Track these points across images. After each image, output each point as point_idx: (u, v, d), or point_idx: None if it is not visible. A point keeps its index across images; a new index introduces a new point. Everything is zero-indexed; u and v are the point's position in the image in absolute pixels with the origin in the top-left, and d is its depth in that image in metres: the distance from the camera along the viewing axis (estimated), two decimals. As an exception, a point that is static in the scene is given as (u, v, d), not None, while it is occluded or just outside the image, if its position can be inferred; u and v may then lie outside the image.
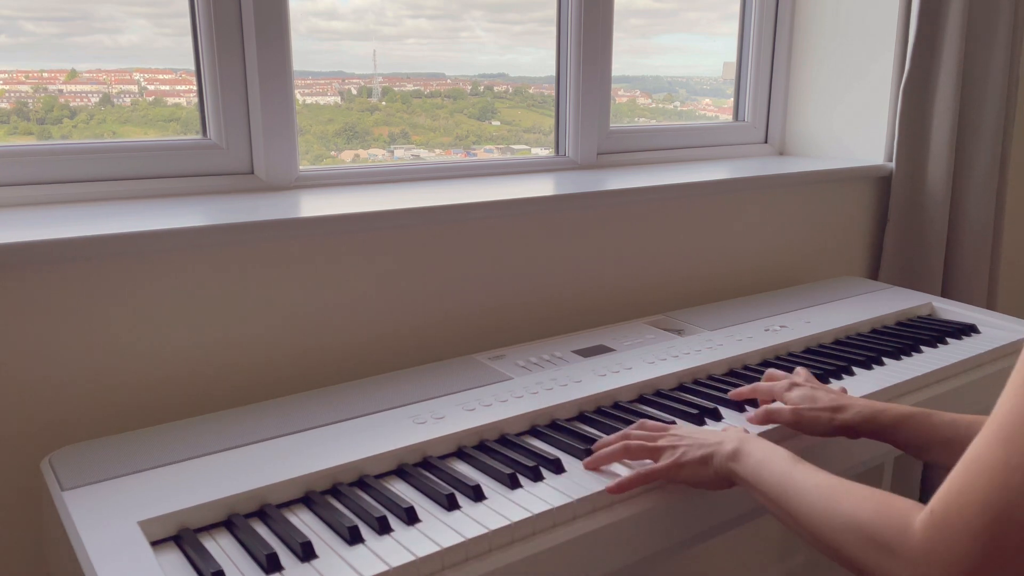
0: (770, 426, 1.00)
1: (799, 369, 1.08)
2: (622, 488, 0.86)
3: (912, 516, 0.61)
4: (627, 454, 0.90)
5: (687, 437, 0.89)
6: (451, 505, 0.82)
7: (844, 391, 1.02)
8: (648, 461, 0.90)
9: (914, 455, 0.92)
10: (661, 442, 0.89)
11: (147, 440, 0.93)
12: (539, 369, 1.16)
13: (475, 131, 1.70)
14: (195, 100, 1.29)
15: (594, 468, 0.90)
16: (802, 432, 0.97)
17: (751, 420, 0.99)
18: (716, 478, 0.84)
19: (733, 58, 2.00)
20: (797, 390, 1.00)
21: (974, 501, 0.56)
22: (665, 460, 0.87)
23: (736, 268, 1.70)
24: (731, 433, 0.87)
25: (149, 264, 1.06)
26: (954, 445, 0.86)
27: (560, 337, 1.30)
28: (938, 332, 1.38)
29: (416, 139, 1.63)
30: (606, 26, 1.65)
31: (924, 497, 1.97)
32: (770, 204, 1.73)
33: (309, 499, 0.85)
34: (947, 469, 0.71)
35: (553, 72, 1.66)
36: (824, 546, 0.70)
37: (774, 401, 1.03)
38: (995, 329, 1.42)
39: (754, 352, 1.25)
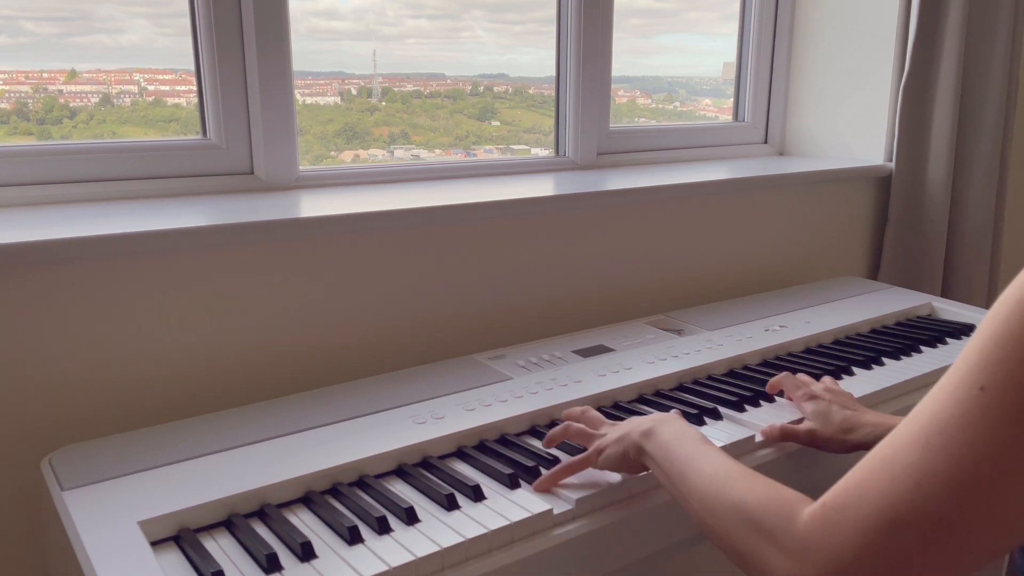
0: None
1: (826, 379, 1.08)
2: (543, 486, 0.86)
3: (799, 506, 0.61)
4: (565, 435, 0.92)
5: (620, 425, 0.88)
6: (451, 505, 0.82)
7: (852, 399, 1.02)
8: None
9: None
10: (599, 430, 0.90)
11: (147, 440, 0.93)
12: (539, 369, 1.16)
13: (475, 131, 1.70)
14: (195, 100, 1.29)
15: (549, 447, 0.93)
16: (814, 448, 0.97)
17: (765, 434, 0.98)
18: (627, 458, 0.84)
19: (733, 58, 2.00)
20: (812, 404, 1.00)
21: (874, 498, 0.54)
22: (590, 447, 0.88)
23: (736, 268, 1.70)
24: (656, 416, 0.85)
25: (149, 264, 1.06)
26: None
27: (560, 337, 1.30)
28: (938, 332, 1.38)
29: (416, 139, 1.63)
30: (606, 26, 1.65)
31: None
32: (770, 204, 1.73)
33: (309, 499, 0.85)
34: None
35: (553, 72, 1.66)
36: (709, 530, 0.69)
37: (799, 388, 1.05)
38: (995, 329, 1.42)
39: (754, 352, 1.25)
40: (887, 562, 0.53)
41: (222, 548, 0.76)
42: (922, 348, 1.31)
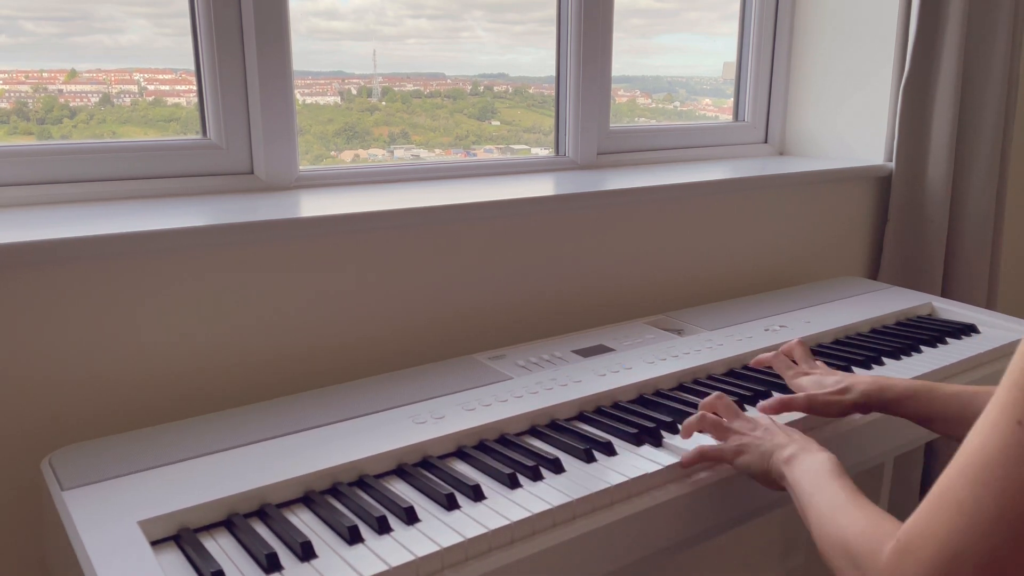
0: (786, 415, 1.02)
1: (818, 362, 1.13)
2: (687, 463, 0.92)
3: (888, 540, 0.62)
4: (701, 424, 0.96)
5: (760, 427, 0.93)
6: (451, 505, 0.82)
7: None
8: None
9: (923, 426, 0.96)
10: (734, 425, 0.94)
11: (147, 440, 0.93)
12: (539, 369, 1.16)
13: (475, 131, 1.70)
14: (195, 100, 1.29)
15: (686, 436, 0.97)
16: (815, 414, 1.01)
17: (763, 409, 1.00)
18: (769, 477, 0.88)
19: (733, 58, 2.00)
20: (805, 377, 1.06)
21: (935, 536, 0.56)
22: (731, 443, 0.92)
23: (736, 268, 1.70)
24: (798, 438, 0.88)
25: (149, 264, 1.06)
26: (958, 417, 0.91)
27: (560, 337, 1.30)
28: (938, 332, 1.38)
29: (416, 139, 1.63)
30: (606, 26, 1.65)
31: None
32: (770, 204, 1.73)
33: (309, 499, 0.85)
34: (954, 440, 0.74)
35: (553, 72, 1.66)
36: (824, 559, 0.72)
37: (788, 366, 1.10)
38: (995, 329, 1.42)
39: (754, 352, 1.25)
40: None
41: (222, 548, 0.76)
42: (922, 348, 1.31)
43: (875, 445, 1.10)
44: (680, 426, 0.98)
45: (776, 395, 1.01)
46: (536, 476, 0.88)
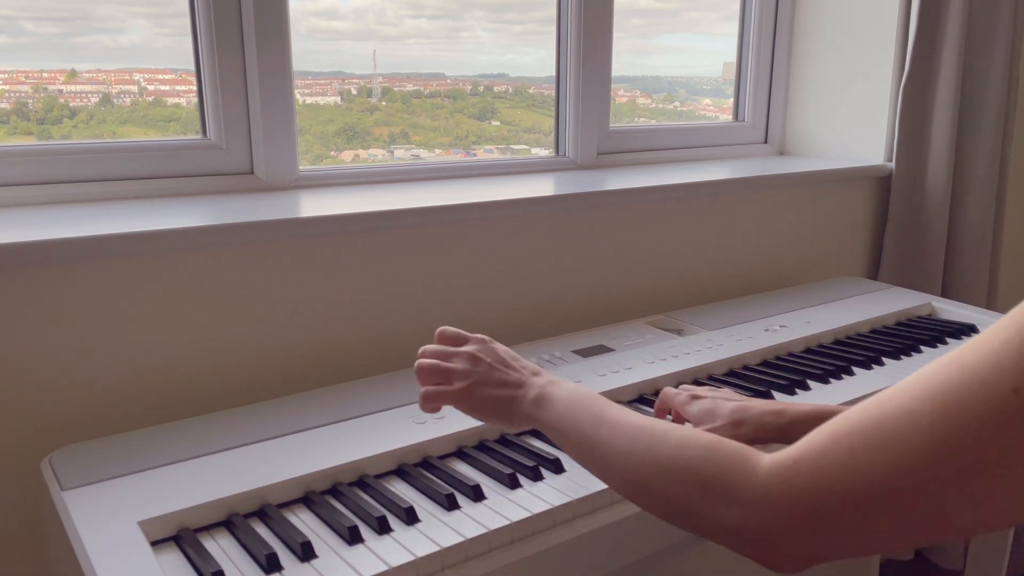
0: None
1: (725, 390, 0.97)
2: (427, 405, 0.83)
3: (752, 459, 0.58)
4: (420, 377, 0.85)
5: (484, 362, 0.83)
6: (451, 505, 0.82)
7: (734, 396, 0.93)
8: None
9: None
10: (455, 363, 0.84)
11: (147, 440, 0.93)
12: (539, 369, 1.16)
13: (475, 131, 1.70)
14: (195, 100, 1.29)
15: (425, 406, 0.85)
16: None
17: None
18: (515, 422, 0.81)
19: (733, 58, 2.00)
20: (697, 403, 0.91)
21: (864, 478, 0.51)
22: (455, 386, 0.82)
23: (736, 268, 1.70)
24: (535, 370, 0.82)
25: (149, 264, 1.06)
26: None
27: (560, 337, 1.30)
28: (938, 332, 1.38)
29: (416, 139, 1.63)
30: (606, 26, 1.65)
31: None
32: (770, 204, 1.73)
33: (309, 499, 0.85)
34: None
35: (553, 72, 1.66)
36: (640, 492, 0.66)
37: (667, 410, 0.97)
38: (995, 329, 1.42)
39: (754, 352, 1.25)
40: (855, 530, 0.52)
41: (222, 548, 0.76)
42: (922, 348, 1.31)
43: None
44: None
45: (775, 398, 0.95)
46: (536, 476, 0.88)
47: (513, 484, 0.87)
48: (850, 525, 0.52)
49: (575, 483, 0.87)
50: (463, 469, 0.92)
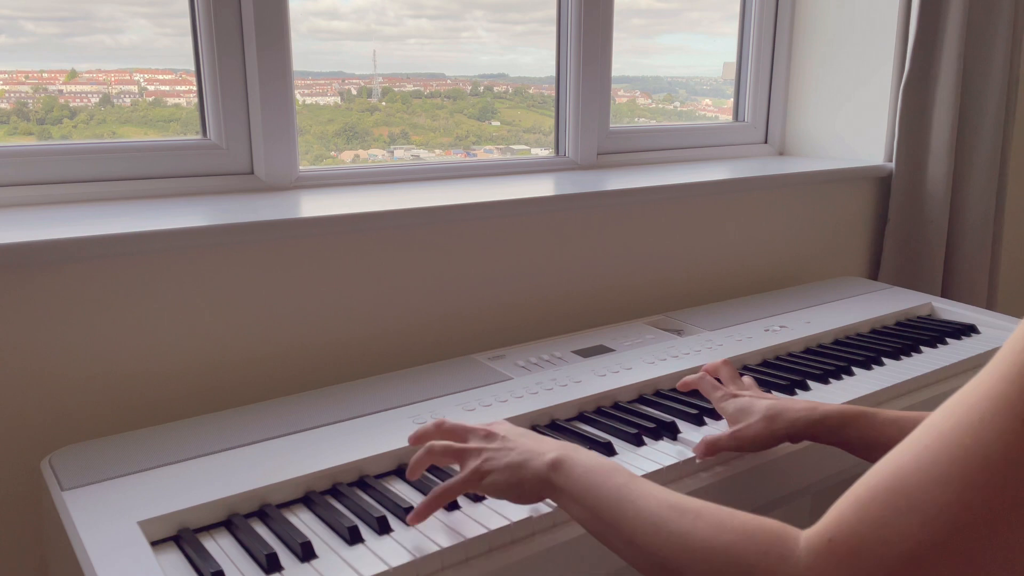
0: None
1: (745, 379, 1.03)
2: (420, 517, 0.77)
3: (791, 542, 0.55)
4: (431, 458, 0.81)
5: (498, 438, 0.80)
6: (452, 505, 0.82)
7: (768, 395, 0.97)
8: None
9: (860, 456, 0.87)
10: (470, 443, 0.81)
11: (147, 440, 0.93)
12: (539, 369, 1.16)
13: (475, 131, 1.70)
14: (195, 100, 1.29)
15: (414, 478, 0.82)
16: (747, 452, 0.93)
17: (697, 453, 0.92)
18: (528, 490, 0.75)
19: (733, 58, 2.00)
20: (733, 401, 0.94)
21: (901, 542, 0.49)
22: (468, 467, 0.78)
23: (736, 268, 1.70)
24: (555, 443, 0.78)
25: (149, 264, 1.06)
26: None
27: (560, 337, 1.30)
28: (938, 332, 1.38)
29: (416, 139, 1.63)
30: (606, 26, 1.65)
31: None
32: (770, 204, 1.73)
33: (309, 499, 0.85)
34: None
35: (553, 72, 1.66)
36: (670, 573, 0.62)
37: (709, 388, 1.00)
38: (995, 329, 1.42)
39: (754, 352, 1.25)
40: None
41: (222, 548, 0.76)
42: (922, 348, 1.31)
43: (794, 478, 0.99)
44: (407, 471, 0.82)
45: (703, 441, 0.92)
46: (536, 476, 0.88)
47: (513, 484, 0.87)
48: None
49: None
50: (463, 469, 0.92)
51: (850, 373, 1.20)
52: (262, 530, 0.79)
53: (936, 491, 0.48)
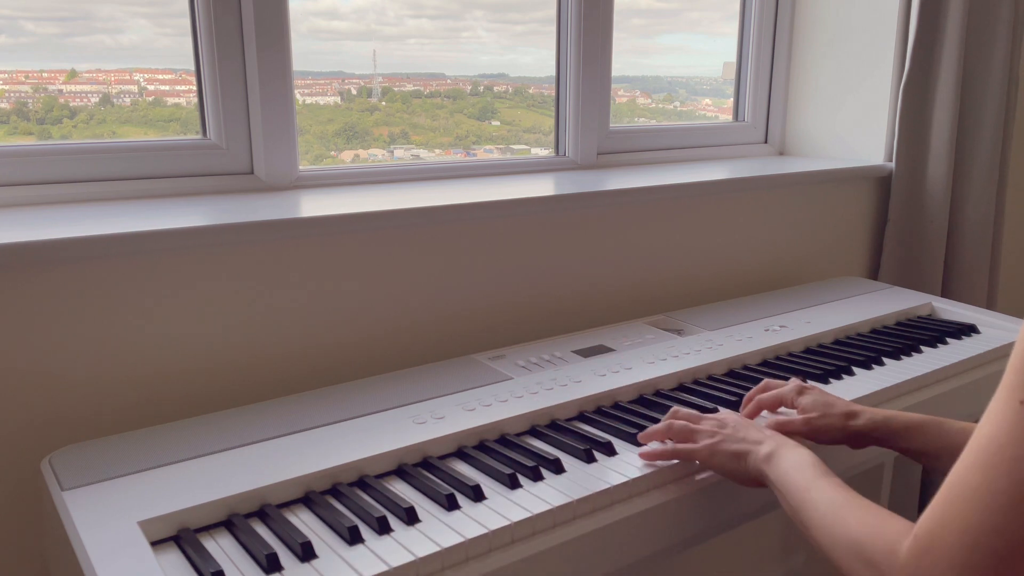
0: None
1: (793, 380, 1.04)
2: (652, 456, 0.91)
3: (902, 538, 0.62)
4: (670, 433, 0.93)
5: (729, 426, 0.91)
6: (451, 505, 0.82)
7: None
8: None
9: (926, 464, 0.92)
10: (703, 425, 0.92)
11: (147, 440, 0.93)
12: (539, 369, 1.16)
13: (475, 131, 1.70)
14: (195, 100, 1.29)
15: (646, 442, 0.94)
16: (811, 440, 0.96)
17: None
18: (747, 476, 0.87)
19: (733, 58, 2.00)
20: (808, 395, 0.98)
21: (953, 527, 0.56)
22: (702, 442, 0.90)
23: (736, 268, 1.70)
24: (771, 434, 0.88)
25: (149, 264, 1.06)
26: None
27: (560, 337, 1.30)
28: (938, 332, 1.38)
29: (416, 139, 1.63)
30: (606, 26, 1.65)
31: (924, 500, 1.97)
32: (770, 204, 1.73)
33: (309, 499, 0.85)
34: None
35: (553, 72, 1.66)
36: (829, 558, 0.72)
37: (781, 406, 1.02)
38: (995, 329, 1.42)
39: (754, 352, 1.25)
40: None
41: (222, 548, 0.76)
42: (922, 348, 1.31)
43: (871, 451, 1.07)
44: (640, 436, 0.95)
45: (775, 420, 0.96)
46: (536, 476, 0.88)
47: (513, 484, 0.87)
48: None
49: (575, 483, 0.87)
50: (463, 469, 0.92)
51: (850, 373, 1.20)
52: (262, 530, 0.79)
53: (970, 477, 0.55)
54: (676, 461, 0.91)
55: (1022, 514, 0.52)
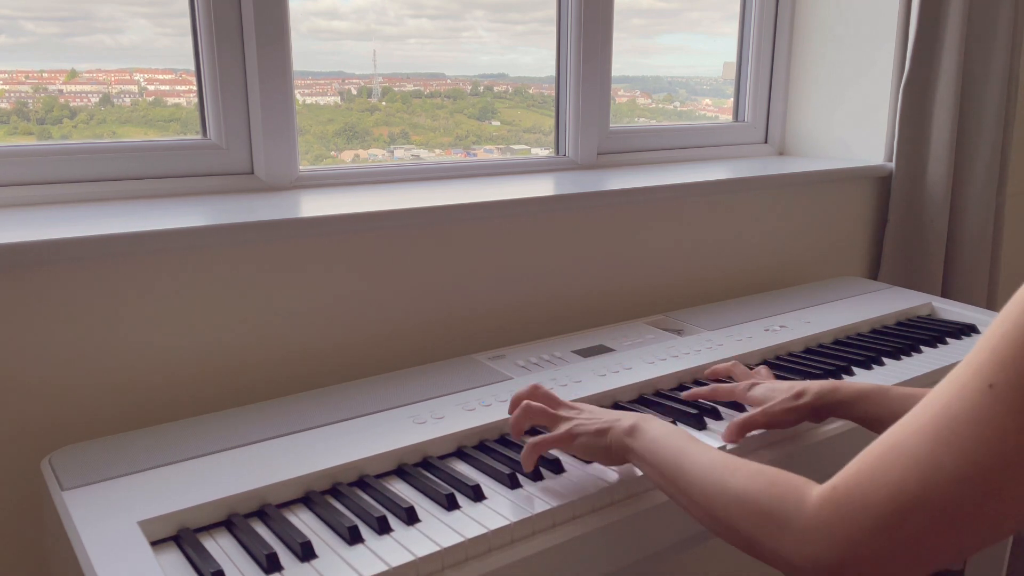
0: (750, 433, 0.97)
1: (760, 368, 1.12)
2: (527, 465, 0.87)
3: (807, 490, 0.62)
4: (528, 416, 0.91)
5: (586, 411, 0.91)
6: (451, 505, 0.82)
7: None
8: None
9: (874, 430, 0.93)
10: (560, 411, 0.91)
11: (147, 440, 0.93)
12: (539, 369, 1.16)
13: (475, 131, 1.70)
14: (195, 100, 1.29)
15: (517, 436, 0.93)
16: (775, 428, 0.98)
17: (727, 439, 0.97)
18: (610, 452, 0.85)
19: (733, 58, 2.00)
20: (757, 388, 1.02)
21: (884, 486, 0.56)
22: (560, 428, 0.88)
23: (736, 268, 1.70)
24: (629, 413, 0.87)
25: (149, 264, 1.06)
26: None
27: (560, 337, 1.30)
28: (938, 332, 1.38)
29: (416, 139, 1.63)
30: (606, 26, 1.65)
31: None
32: (770, 204, 1.73)
33: (309, 499, 0.85)
34: None
35: (553, 72, 1.66)
36: (715, 522, 0.70)
37: (733, 399, 1.06)
38: (995, 329, 1.42)
39: (754, 352, 1.25)
40: (895, 546, 0.56)
41: (222, 548, 0.76)
42: (922, 348, 1.31)
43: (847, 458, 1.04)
44: (510, 429, 0.93)
45: (734, 422, 0.97)
46: (536, 476, 0.88)
47: (513, 484, 0.87)
48: (887, 540, 0.56)
49: (575, 483, 0.87)
50: (463, 469, 0.92)
51: (850, 373, 1.20)
52: (262, 530, 0.79)
53: (915, 444, 0.56)
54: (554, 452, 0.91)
55: (957, 493, 0.53)
